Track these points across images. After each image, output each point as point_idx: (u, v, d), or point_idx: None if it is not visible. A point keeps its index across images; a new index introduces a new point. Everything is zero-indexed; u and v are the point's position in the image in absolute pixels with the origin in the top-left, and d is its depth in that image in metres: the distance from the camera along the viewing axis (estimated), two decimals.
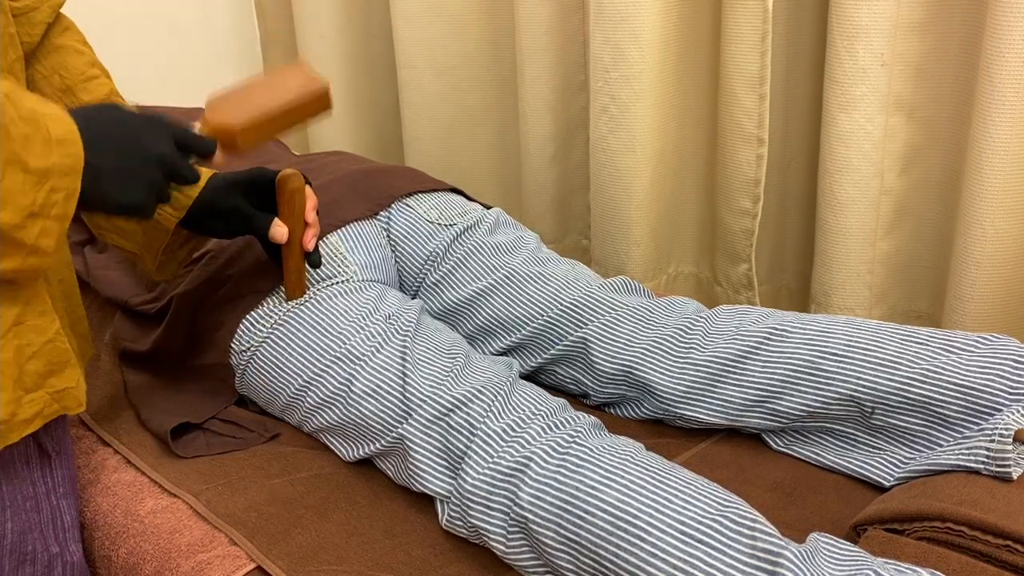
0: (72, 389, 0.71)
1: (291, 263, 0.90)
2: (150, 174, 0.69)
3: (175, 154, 0.71)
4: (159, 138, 0.70)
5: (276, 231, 0.88)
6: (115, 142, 0.67)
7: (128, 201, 0.68)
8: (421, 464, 0.81)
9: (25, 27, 0.83)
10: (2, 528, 0.70)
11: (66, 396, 0.70)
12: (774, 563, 0.62)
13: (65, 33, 0.89)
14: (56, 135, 0.61)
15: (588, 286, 1.01)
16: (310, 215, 0.89)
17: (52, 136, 0.61)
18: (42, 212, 0.61)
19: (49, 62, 0.86)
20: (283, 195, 0.87)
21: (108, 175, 0.66)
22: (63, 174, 0.62)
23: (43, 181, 0.60)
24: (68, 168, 0.62)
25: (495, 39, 1.57)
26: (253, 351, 0.93)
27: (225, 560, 0.77)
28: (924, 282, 1.31)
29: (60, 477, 0.76)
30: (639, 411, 0.97)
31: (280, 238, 0.88)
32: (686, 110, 1.41)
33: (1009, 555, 0.66)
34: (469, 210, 1.10)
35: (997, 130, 1.08)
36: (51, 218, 0.62)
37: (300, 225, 0.89)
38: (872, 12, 1.14)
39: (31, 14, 0.84)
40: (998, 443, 0.73)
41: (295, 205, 0.87)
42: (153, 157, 0.69)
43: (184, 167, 0.73)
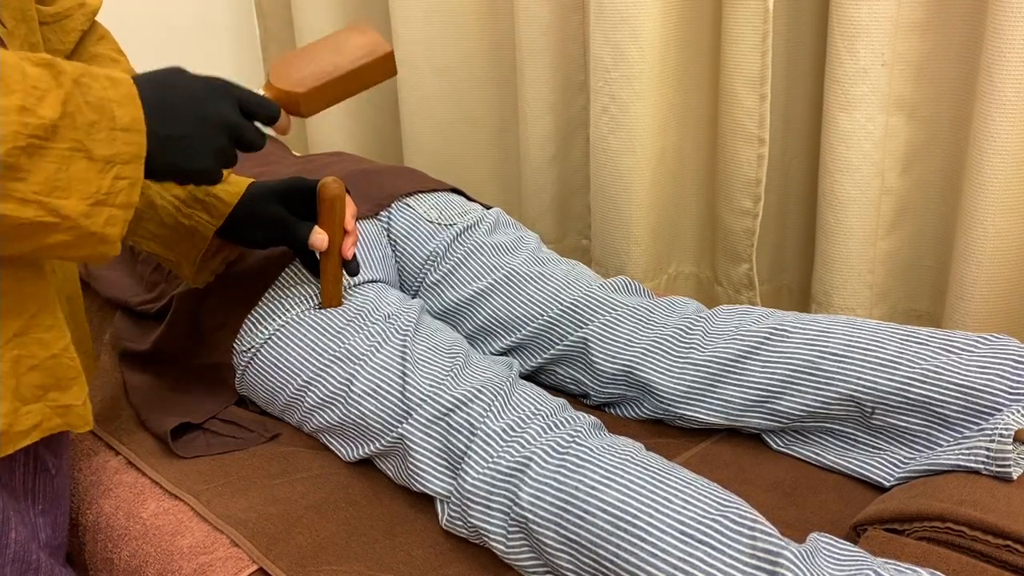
0: (77, 407, 0.70)
1: (329, 272, 0.89)
2: (216, 140, 0.69)
3: (240, 119, 0.71)
4: (224, 103, 0.70)
5: (316, 238, 0.87)
6: (180, 109, 0.67)
7: (196, 167, 0.69)
8: (421, 464, 0.81)
9: (58, 34, 0.83)
10: (6, 537, 0.70)
11: (70, 413, 0.69)
12: (774, 563, 0.62)
13: (100, 42, 0.89)
14: (122, 122, 0.62)
15: (588, 286, 1.01)
16: (350, 223, 0.88)
17: (118, 123, 0.61)
18: (107, 200, 0.62)
19: None
20: (324, 202, 0.86)
21: (175, 143, 0.66)
22: (127, 162, 0.62)
23: (107, 169, 0.61)
24: (132, 156, 0.63)
25: (495, 39, 1.57)
26: (255, 351, 0.93)
27: (227, 562, 0.77)
28: (925, 282, 1.31)
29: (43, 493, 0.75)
30: (639, 411, 0.97)
31: (320, 245, 0.87)
32: (686, 110, 1.41)
33: (1009, 555, 0.66)
34: (469, 210, 1.10)
35: (998, 130, 1.08)
36: (116, 206, 0.62)
37: (339, 233, 0.88)
38: (872, 12, 1.14)
39: (64, 22, 0.84)
40: (998, 443, 0.73)
41: (335, 212, 0.87)
42: (219, 122, 0.69)
43: (250, 131, 0.72)
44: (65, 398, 0.69)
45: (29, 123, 0.56)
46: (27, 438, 0.66)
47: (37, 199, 0.58)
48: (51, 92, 0.58)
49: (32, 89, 0.57)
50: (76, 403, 0.70)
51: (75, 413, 0.70)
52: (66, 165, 0.59)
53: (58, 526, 0.78)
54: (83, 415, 0.70)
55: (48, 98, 0.58)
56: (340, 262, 0.89)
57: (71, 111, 0.59)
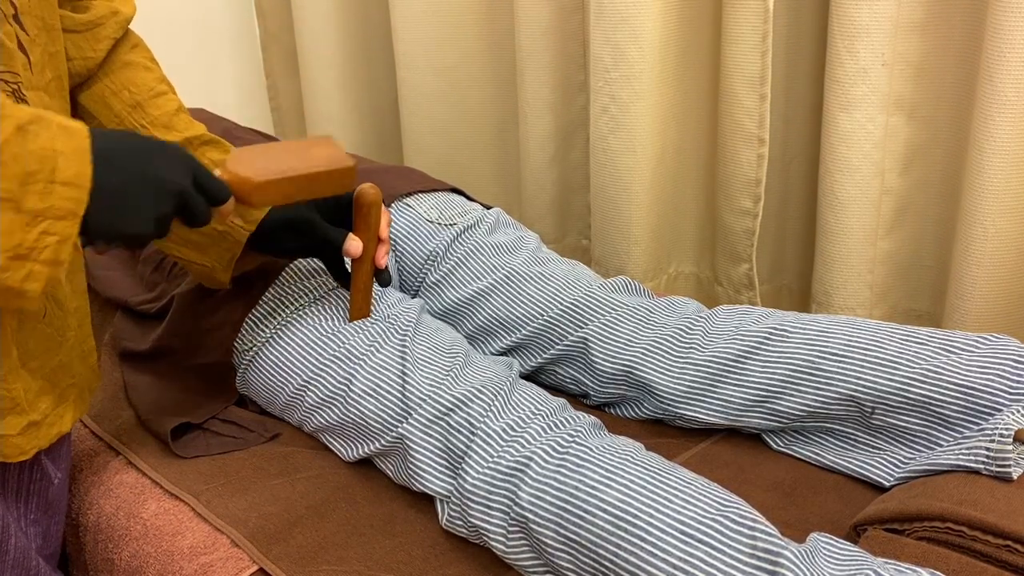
0: (11, 437, 0.67)
1: (360, 281, 0.88)
2: (163, 205, 0.66)
3: (192, 191, 0.68)
4: (179, 171, 0.67)
5: (351, 245, 0.85)
6: (132, 165, 0.64)
7: (133, 230, 0.65)
8: (421, 464, 0.81)
9: (89, 42, 0.83)
10: (6, 544, 0.69)
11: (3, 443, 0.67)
12: (774, 563, 0.62)
13: (134, 50, 0.89)
14: (63, 176, 0.58)
15: (588, 286, 1.01)
16: (385, 231, 0.87)
17: (58, 176, 0.58)
18: (30, 255, 0.58)
19: (119, 77, 0.86)
20: (360, 208, 0.85)
21: (118, 199, 0.63)
22: (60, 217, 0.58)
23: (36, 223, 0.57)
24: (67, 212, 0.59)
25: (495, 39, 1.57)
26: (255, 351, 0.93)
27: (227, 562, 0.77)
28: (925, 282, 1.31)
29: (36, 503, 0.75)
30: (639, 411, 0.97)
31: (355, 252, 0.86)
32: (687, 110, 1.41)
33: (1009, 555, 0.66)
34: (469, 210, 1.10)
35: (998, 130, 1.08)
36: (40, 262, 0.58)
37: (374, 241, 0.87)
38: (873, 12, 1.14)
39: (96, 30, 0.83)
40: (998, 443, 0.73)
41: (371, 219, 0.85)
42: (170, 188, 0.66)
43: (199, 204, 0.69)
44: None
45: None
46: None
47: None
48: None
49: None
50: (10, 433, 0.67)
51: (9, 444, 0.67)
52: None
53: (50, 535, 0.78)
54: (18, 444, 0.67)
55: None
56: (372, 271, 0.88)
57: (5, 159, 0.55)
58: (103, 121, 0.86)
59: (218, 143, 0.90)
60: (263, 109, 2.07)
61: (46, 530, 0.77)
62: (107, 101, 0.86)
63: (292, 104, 2.01)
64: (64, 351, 0.73)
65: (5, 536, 0.69)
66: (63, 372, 0.73)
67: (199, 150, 0.88)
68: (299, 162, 0.77)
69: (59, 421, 0.73)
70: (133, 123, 0.86)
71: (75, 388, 0.75)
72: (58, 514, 0.79)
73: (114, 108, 0.86)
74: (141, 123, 0.86)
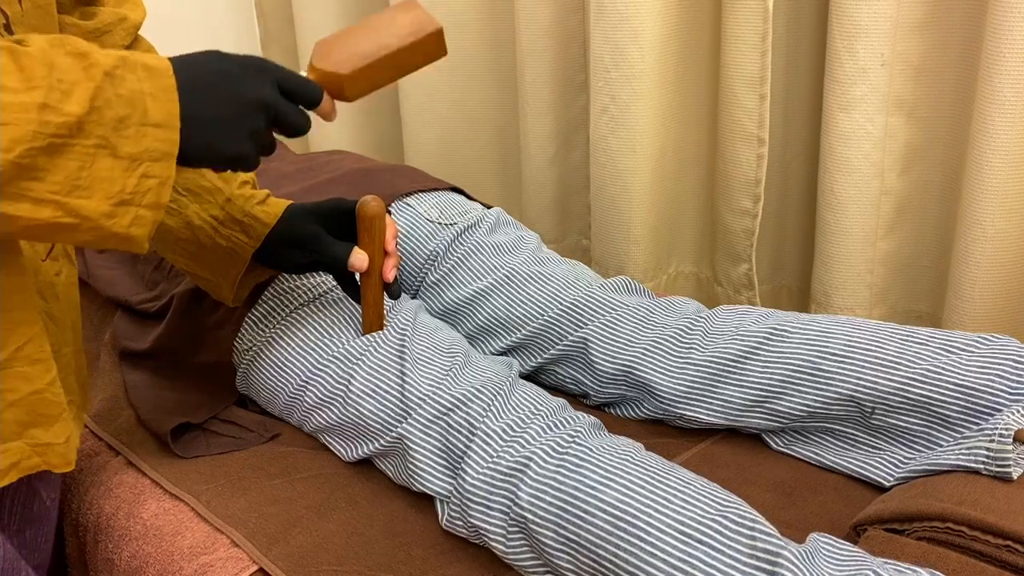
0: (58, 445, 0.66)
1: (370, 295, 0.86)
2: (252, 121, 0.65)
3: (279, 99, 0.67)
4: (261, 83, 0.66)
5: (356, 259, 0.84)
6: (214, 90, 0.63)
7: (231, 151, 0.65)
8: (421, 464, 0.81)
9: None
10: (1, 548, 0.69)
11: (50, 451, 0.66)
12: (774, 563, 0.62)
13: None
14: (154, 118, 0.58)
15: (588, 286, 1.01)
16: (390, 243, 0.85)
17: (149, 119, 0.58)
18: (133, 200, 0.58)
19: None
20: (363, 221, 0.83)
21: (207, 125, 0.63)
22: (156, 159, 0.59)
23: (134, 167, 0.58)
24: (162, 153, 0.59)
25: (495, 39, 1.57)
26: (256, 350, 0.93)
27: (227, 562, 0.77)
28: (924, 282, 1.31)
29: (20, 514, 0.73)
30: (639, 411, 0.97)
31: (360, 266, 0.84)
32: (686, 110, 1.41)
33: (1009, 555, 0.66)
34: (469, 209, 1.10)
35: (997, 130, 1.08)
36: (144, 206, 0.59)
37: (380, 254, 0.85)
38: (872, 12, 1.14)
39: (103, 37, 0.81)
40: (998, 443, 0.73)
41: (375, 232, 0.83)
42: (254, 103, 0.65)
43: (291, 112, 0.68)
44: (46, 436, 0.65)
45: (51, 121, 0.53)
46: (4, 478, 0.63)
47: (55, 199, 0.55)
48: (79, 85, 0.55)
49: (58, 83, 0.54)
50: (57, 441, 0.66)
51: (55, 452, 0.66)
52: (89, 163, 0.56)
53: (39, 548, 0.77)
54: (64, 454, 0.67)
55: (76, 92, 0.55)
56: (381, 284, 0.86)
57: (99, 106, 0.56)
58: None
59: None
60: None
61: (36, 536, 0.77)
62: None
63: None
64: (61, 366, 0.72)
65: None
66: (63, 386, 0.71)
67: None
68: (384, 39, 0.74)
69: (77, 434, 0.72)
70: None
71: (73, 405, 0.74)
72: (47, 525, 0.78)
73: None
74: None
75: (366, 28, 0.76)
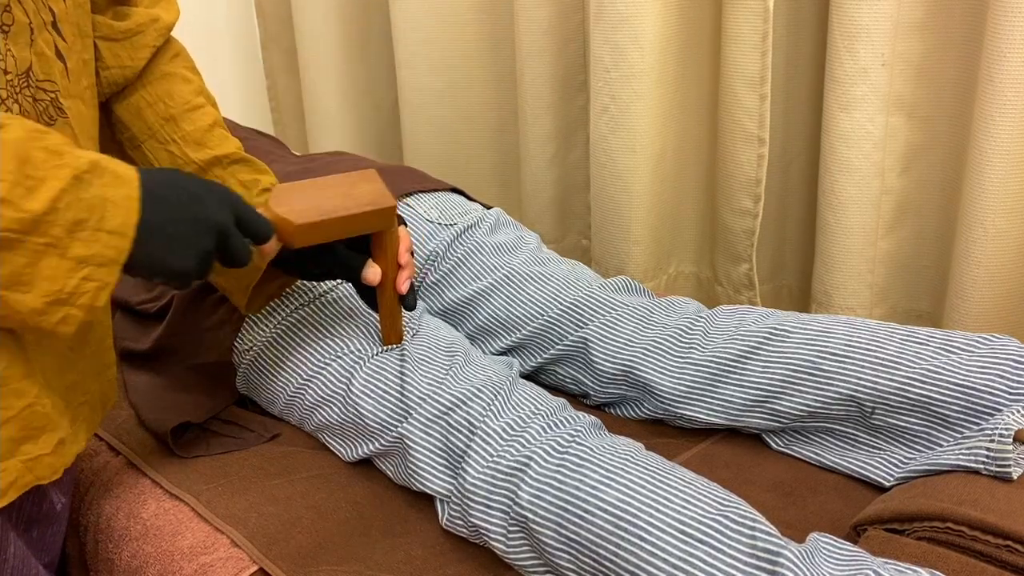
0: (46, 456, 0.66)
1: (385, 307, 0.86)
2: (203, 242, 0.66)
3: (232, 227, 0.68)
4: (220, 207, 0.67)
5: (369, 272, 0.83)
6: (176, 204, 0.64)
7: (176, 267, 0.65)
8: (421, 463, 0.81)
9: (128, 50, 0.81)
10: (5, 552, 0.69)
11: (38, 464, 0.65)
12: (774, 563, 0.62)
13: (174, 60, 0.87)
14: (110, 224, 0.59)
15: (588, 286, 1.01)
16: (403, 256, 0.85)
17: (105, 225, 0.59)
18: (69, 300, 0.58)
19: (156, 89, 0.85)
20: (375, 234, 0.83)
21: (160, 237, 0.63)
22: (101, 264, 0.59)
23: (78, 269, 0.58)
24: (109, 260, 0.59)
25: (495, 39, 1.57)
26: (256, 350, 0.93)
27: (227, 562, 0.77)
28: (925, 282, 1.31)
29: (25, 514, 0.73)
30: (639, 411, 0.97)
31: (373, 279, 0.84)
32: (687, 110, 1.41)
33: (1009, 555, 0.66)
34: (469, 210, 1.10)
35: (998, 130, 1.08)
36: (77, 306, 0.59)
37: (393, 267, 0.85)
38: (873, 12, 1.14)
39: (135, 38, 0.81)
40: (998, 443, 0.73)
41: (386, 246, 0.84)
42: (210, 224, 0.66)
43: (239, 242, 0.69)
44: (35, 449, 0.65)
45: (5, 216, 0.54)
46: (4, 498, 0.63)
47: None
48: (46, 183, 0.56)
49: (25, 179, 0.55)
50: (45, 452, 0.66)
51: (43, 464, 0.66)
52: (36, 260, 0.56)
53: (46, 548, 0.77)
54: (51, 464, 0.66)
55: (40, 190, 0.55)
56: (396, 296, 0.86)
57: (59, 207, 0.56)
58: (135, 132, 0.85)
59: (249, 163, 0.88)
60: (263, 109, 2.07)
61: (43, 536, 0.77)
62: (142, 113, 0.84)
63: (292, 104, 2.01)
64: (78, 369, 0.72)
65: (4, 543, 0.69)
66: (76, 390, 0.72)
67: (228, 169, 0.86)
68: (341, 202, 0.77)
69: (75, 440, 0.72)
70: (165, 136, 0.85)
71: (87, 406, 0.74)
72: (55, 526, 0.78)
73: (147, 120, 0.84)
74: (172, 137, 0.84)
75: (327, 186, 0.80)
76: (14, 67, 0.64)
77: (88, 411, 0.75)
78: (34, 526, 0.75)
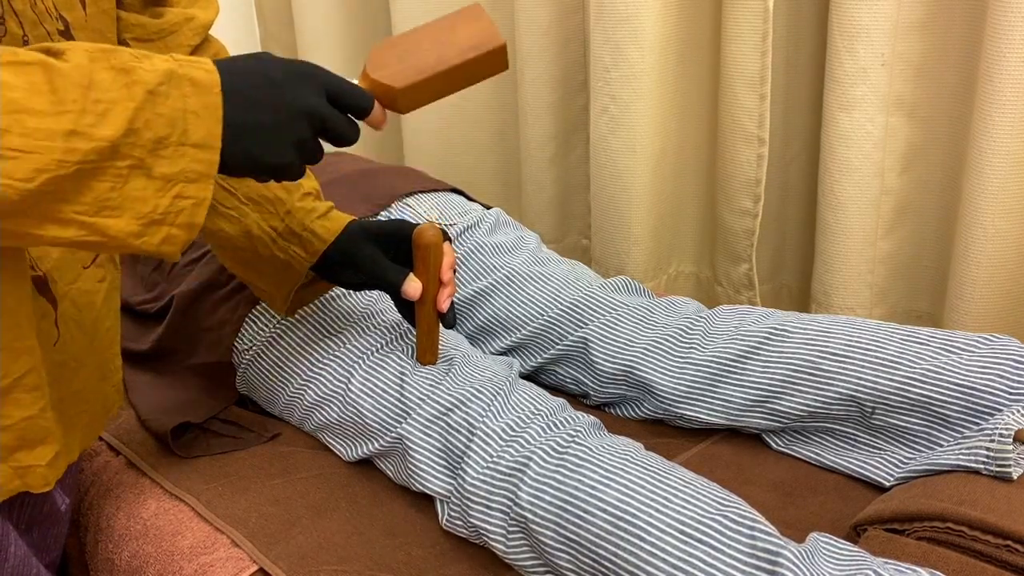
0: (40, 467, 0.65)
1: (423, 323, 0.83)
2: (297, 130, 0.63)
3: (326, 107, 0.64)
4: (308, 90, 0.63)
5: (409, 287, 0.81)
6: (259, 96, 0.60)
7: (273, 160, 0.62)
8: (421, 463, 0.81)
9: (161, 51, 0.78)
10: (5, 552, 0.69)
11: (30, 473, 0.65)
12: (774, 562, 0.62)
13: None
14: (194, 137, 0.57)
15: (588, 286, 1.01)
16: (446, 273, 0.82)
17: (189, 138, 0.56)
18: (165, 219, 0.56)
19: None
20: (418, 249, 0.80)
21: (250, 134, 0.60)
22: (192, 180, 0.57)
23: (168, 188, 0.56)
24: (199, 174, 0.57)
25: None
26: (256, 349, 0.93)
27: (227, 562, 0.77)
28: (925, 282, 1.31)
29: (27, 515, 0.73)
30: (639, 411, 0.97)
31: (413, 295, 0.81)
32: (686, 110, 1.41)
33: (1009, 555, 0.66)
34: (469, 210, 1.10)
35: (997, 130, 1.08)
36: (176, 226, 0.57)
37: (434, 283, 0.81)
38: (872, 12, 1.14)
39: (168, 38, 0.79)
40: (998, 443, 0.73)
41: (429, 261, 0.80)
42: (301, 111, 0.62)
43: (339, 121, 0.65)
44: (28, 458, 0.64)
45: (78, 149, 0.51)
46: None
47: (80, 219, 0.53)
48: (118, 105, 0.53)
49: (94, 104, 0.52)
50: (39, 463, 0.65)
51: (36, 474, 0.65)
52: (121, 184, 0.54)
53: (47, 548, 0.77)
54: (44, 475, 0.65)
55: (112, 114, 0.53)
56: (435, 313, 0.83)
57: (137, 127, 0.54)
58: None
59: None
60: None
61: (44, 537, 0.77)
62: None
63: None
64: (80, 379, 0.71)
65: (5, 543, 0.69)
66: (76, 400, 0.71)
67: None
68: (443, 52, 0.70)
69: (69, 451, 0.71)
70: None
71: (86, 414, 0.74)
72: (56, 527, 0.78)
73: None
74: None
75: (426, 36, 0.72)
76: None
77: (88, 419, 0.74)
78: (35, 526, 0.75)
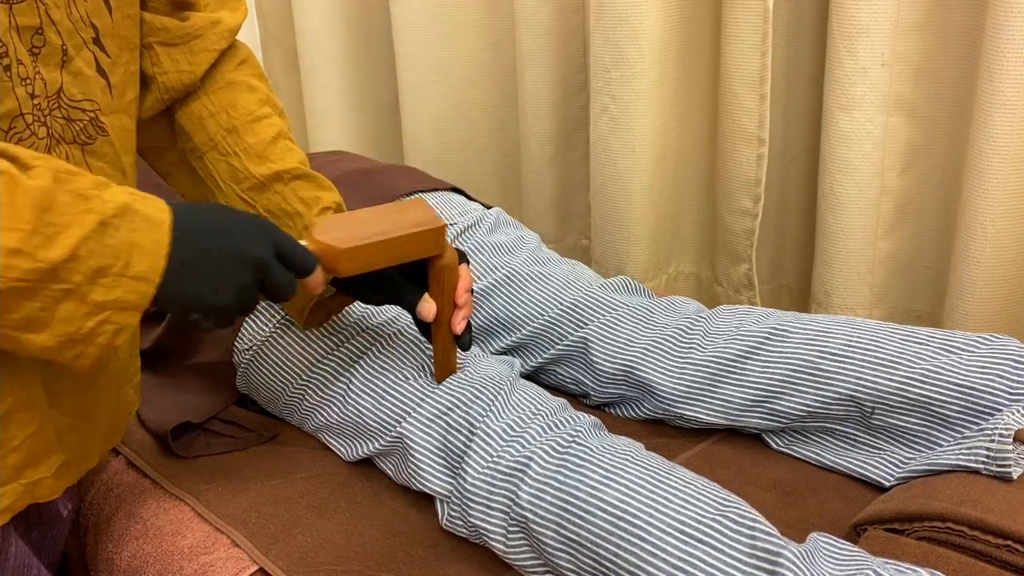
0: (47, 479, 0.65)
1: (439, 342, 0.83)
2: (240, 276, 0.64)
3: (272, 260, 0.66)
4: (257, 241, 0.65)
5: (424, 308, 0.80)
6: (208, 239, 0.62)
7: (211, 302, 0.63)
8: (421, 463, 0.81)
9: (185, 55, 0.78)
10: (6, 552, 0.69)
11: (39, 487, 0.65)
12: (774, 563, 0.62)
13: (240, 67, 0.84)
14: (135, 270, 0.57)
15: (588, 286, 1.01)
16: (460, 296, 0.81)
17: (130, 271, 0.57)
18: (84, 340, 0.57)
19: (219, 98, 0.82)
20: (433, 271, 0.80)
21: (193, 272, 0.61)
22: (122, 309, 0.57)
23: (97, 312, 0.56)
24: (131, 304, 0.58)
25: (495, 39, 1.57)
26: (256, 349, 0.93)
27: (227, 562, 0.77)
28: (924, 282, 1.31)
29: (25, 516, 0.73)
30: (639, 411, 0.97)
31: (427, 316, 0.80)
32: (686, 110, 1.41)
33: (1009, 555, 0.66)
34: (469, 209, 1.10)
35: (997, 130, 1.08)
36: (94, 345, 0.58)
37: (449, 305, 0.81)
38: (872, 11, 1.14)
39: (194, 42, 0.79)
40: (998, 443, 0.73)
41: (444, 283, 0.80)
42: (247, 259, 0.64)
43: (281, 275, 0.67)
44: (37, 473, 0.65)
45: (18, 267, 0.52)
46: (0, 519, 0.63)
47: (2, 331, 0.54)
48: (68, 231, 0.54)
49: (46, 226, 0.53)
50: (47, 475, 0.65)
51: (44, 485, 0.66)
52: (52, 304, 0.54)
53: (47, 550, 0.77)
54: (51, 485, 0.66)
55: (60, 238, 0.53)
56: (450, 335, 0.83)
57: (81, 254, 0.54)
58: (197, 143, 0.82)
59: (312, 179, 0.85)
60: None
61: (45, 538, 0.77)
62: (204, 123, 0.81)
63: (292, 104, 2.01)
64: (98, 388, 0.71)
65: (6, 544, 0.69)
66: (94, 408, 0.71)
67: (290, 185, 0.83)
68: (386, 227, 0.75)
69: (87, 458, 0.71)
70: (226, 148, 0.82)
71: (105, 421, 0.74)
72: (56, 528, 0.78)
73: (209, 130, 0.81)
74: (234, 149, 0.81)
75: (371, 215, 0.77)
76: (43, 89, 0.62)
77: (107, 426, 0.74)
78: (35, 527, 0.75)
